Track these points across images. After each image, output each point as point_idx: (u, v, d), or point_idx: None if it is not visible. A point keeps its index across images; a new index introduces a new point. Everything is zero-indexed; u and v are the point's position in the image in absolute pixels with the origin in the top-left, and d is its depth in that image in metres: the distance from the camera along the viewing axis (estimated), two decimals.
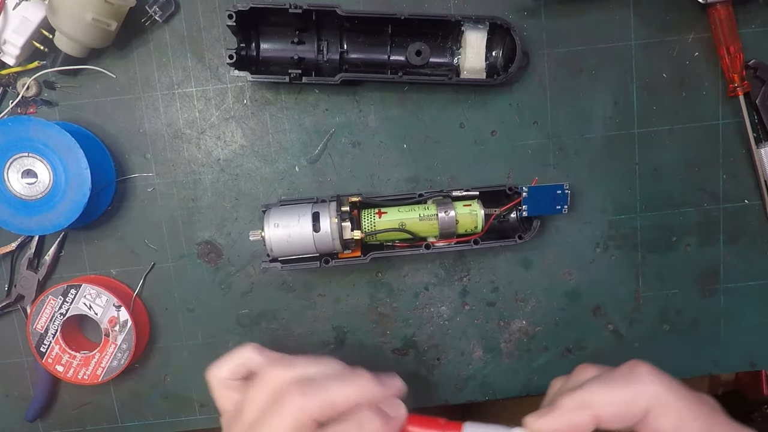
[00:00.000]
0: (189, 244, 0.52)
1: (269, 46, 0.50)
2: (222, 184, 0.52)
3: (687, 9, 0.50)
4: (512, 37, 0.47)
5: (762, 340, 0.54)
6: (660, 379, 0.35)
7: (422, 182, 0.52)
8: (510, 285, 0.53)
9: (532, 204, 0.48)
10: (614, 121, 0.51)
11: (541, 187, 0.48)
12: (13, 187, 0.47)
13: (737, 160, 0.52)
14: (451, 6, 0.50)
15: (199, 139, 0.52)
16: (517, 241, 0.49)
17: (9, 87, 0.50)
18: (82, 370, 0.51)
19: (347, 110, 0.51)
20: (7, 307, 0.52)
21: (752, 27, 0.50)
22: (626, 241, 0.53)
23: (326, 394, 0.34)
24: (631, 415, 0.35)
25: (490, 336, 0.54)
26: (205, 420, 0.55)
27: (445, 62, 0.50)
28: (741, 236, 0.53)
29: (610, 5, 0.50)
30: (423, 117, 0.52)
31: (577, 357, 0.54)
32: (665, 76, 0.51)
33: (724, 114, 0.51)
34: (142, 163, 0.52)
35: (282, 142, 0.52)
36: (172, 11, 0.50)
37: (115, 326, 0.50)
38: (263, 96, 0.51)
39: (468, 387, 0.54)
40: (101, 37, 0.47)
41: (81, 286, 0.50)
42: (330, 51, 0.50)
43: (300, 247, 0.46)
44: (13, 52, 0.48)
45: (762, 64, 0.50)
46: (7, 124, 0.46)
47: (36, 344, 0.50)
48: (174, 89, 0.51)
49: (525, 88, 0.51)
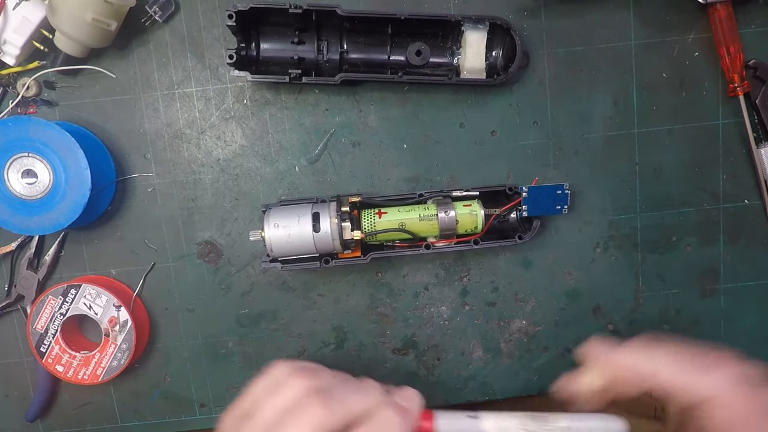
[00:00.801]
0: (189, 244, 0.52)
1: (269, 46, 0.50)
2: (222, 184, 0.52)
3: (687, 9, 0.50)
4: (512, 37, 0.47)
5: (762, 340, 0.54)
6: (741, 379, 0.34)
7: (422, 182, 0.52)
8: (510, 285, 0.53)
9: (532, 204, 0.48)
10: (614, 121, 0.51)
11: (541, 187, 0.48)
12: (13, 187, 0.47)
13: (737, 160, 0.52)
14: (451, 6, 0.50)
15: (199, 139, 0.52)
16: (517, 241, 0.49)
17: (9, 87, 0.50)
18: (82, 370, 0.51)
19: (347, 110, 0.51)
20: (7, 307, 0.52)
21: (752, 27, 0.50)
22: (626, 241, 0.53)
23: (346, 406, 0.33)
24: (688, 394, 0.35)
25: (490, 336, 0.54)
26: (205, 420, 0.55)
27: (445, 62, 0.50)
28: (741, 236, 0.53)
29: (610, 5, 0.50)
30: (423, 117, 0.52)
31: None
32: (665, 76, 0.51)
33: (724, 114, 0.51)
34: (142, 163, 0.52)
35: (282, 142, 0.52)
36: (172, 11, 0.49)
37: (115, 326, 0.50)
38: (263, 96, 0.51)
39: (468, 387, 0.54)
40: (101, 37, 0.47)
41: (81, 286, 0.50)
42: (330, 51, 0.50)
43: (300, 247, 0.46)
44: (13, 52, 0.48)
45: (762, 64, 0.50)
46: (7, 124, 0.46)
47: (36, 344, 0.50)
48: (174, 89, 0.51)
49: (525, 88, 0.51)
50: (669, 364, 0.35)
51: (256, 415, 0.34)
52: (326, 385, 0.34)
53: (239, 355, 0.54)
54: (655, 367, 0.36)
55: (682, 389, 0.35)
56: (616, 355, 0.37)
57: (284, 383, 0.34)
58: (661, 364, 0.36)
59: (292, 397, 0.33)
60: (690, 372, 0.35)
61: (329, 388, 0.33)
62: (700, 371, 0.35)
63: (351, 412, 0.33)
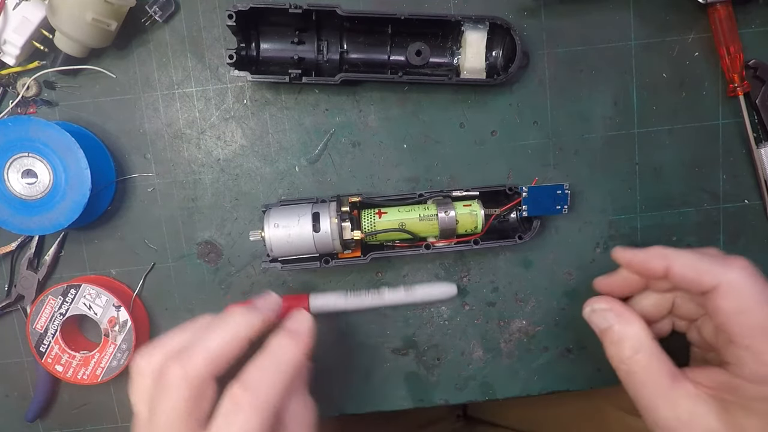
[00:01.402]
0: (189, 244, 0.52)
1: (269, 46, 0.50)
2: (222, 184, 0.52)
3: (687, 9, 0.50)
4: (512, 37, 0.47)
5: None
6: (747, 272, 0.38)
7: (422, 182, 0.52)
8: (510, 285, 0.53)
9: (532, 204, 0.48)
10: (614, 121, 0.51)
11: (541, 187, 0.48)
12: (13, 187, 0.47)
13: (737, 160, 0.52)
14: (451, 6, 0.50)
15: (199, 139, 0.52)
16: (517, 242, 0.49)
17: (9, 87, 0.50)
18: (82, 370, 0.51)
19: (347, 110, 0.51)
20: (7, 307, 0.52)
21: (752, 27, 0.50)
22: (626, 241, 0.53)
23: (204, 348, 0.34)
24: (699, 284, 0.39)
25: (490, 336, 0.54)
26: None
27: (445, 62, 0.50)
28: (741, 236, 0.53)
29: (610, 5, 0.50)
30: (423, 117, 0.52)
31: (577, 357, 0.54)
32: (665, 76, 0.51)
33: (724, 114, 0.51)
34: (142, 163, 0.52)
35: (282, 142, 0.52)
36: (172, 11, 0.50)
37: (115, 326, 0.50)
38: (263, 96, 0.51)
39: (468, 387, 0.54)
40: (101, 37, 0.47)
41: (81, 286, 0.50)
42: (330, 51, 0.50)
43: (300, 247, 0.46)
44: (13, 52, 0.48)
45: (762, 64, 0.50)
46: (7, 124, 0.46)
47: (36, 344, 0.50)
48: (174, 89, 0.51)
49: (525, 88, 0.51)
50: (683, 257, 0.40)
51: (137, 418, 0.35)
52: (173, 345, 0.35)
53: None
54: (669, 261, 0.40)
55: (696, 277, 0.39)
56: (635, 255, 0.43)
57: (136, 374, 0.36)
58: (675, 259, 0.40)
59: (151, 377, 0.35)
60: (703, 262, 0.39)
61: (178, 346, 0.35)
62: (713, 262, 0.39)
63: (214, 349, 0.34)
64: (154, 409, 0.33)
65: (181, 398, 0.33)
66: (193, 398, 0.33)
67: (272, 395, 0.34)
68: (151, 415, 0.34)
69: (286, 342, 0.37)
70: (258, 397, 0.33)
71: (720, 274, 0.38)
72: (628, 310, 0.43)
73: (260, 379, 0.34)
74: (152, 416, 0.34)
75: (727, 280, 0.37)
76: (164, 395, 0.33)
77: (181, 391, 0.33)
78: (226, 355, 0.34)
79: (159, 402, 0.33)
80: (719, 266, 0.38)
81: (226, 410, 0.33)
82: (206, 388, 0.33)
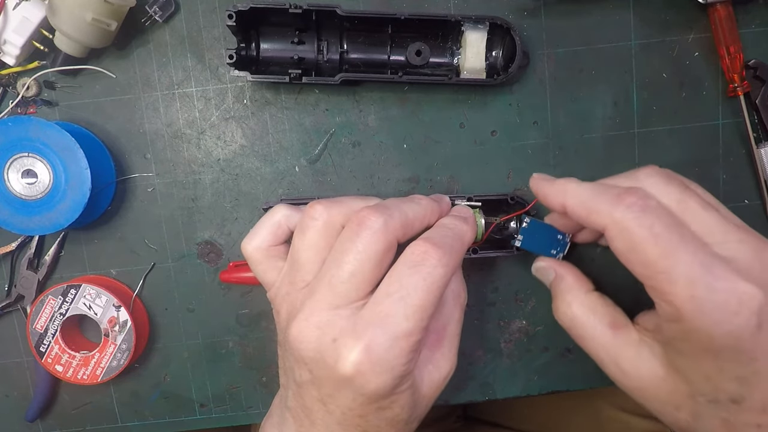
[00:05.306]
0: (189, 244, 0.52)
1: (269, 46, 0.50)
2: (222, 184, 0.52)
3: (687, 9, 0.50)
4: (512, 37, 0.47)
5: None
6: (638, 206, 0.34)
7: (422, 182, 0.52)
8: (510, 285, 0.53)
9: (528, 237, 0.46)
10: (614, 121, 0.51)
11: (544, 225, 0.47)
12: (13, 187, 0.47)
13: (737, 160, 0.52)
14: (451, 6, 0.50)
15: (199, 139, 0.52)
16: (515, 253, 0.48)
17: (9, 87, 0.50)
18: (82, 370, 0.51)
19: (347, 110, 0.51)
20: (7, 307, 0.52)
21: (752, 27, 0.50)
22: None
23: (402, 212, 0.35)
24: (591, 224, 0.36)
25: (490, 336, 0.54)
26: (205, 420, 0.55)
27: (445, 62, 0.50)
28: None
29: (610, 5, 0.50)
30: (423, 117, 0.52)
31: (578, 357, 0.54)
32: (665, 76, 0.51)
33: (724, 114, 0.51)
34: (142, 163, 0.52)
35: (282, 142, 0.52)
36: (172, 11, 0.50)
37: (115, 326, 0.50)
38: (263, 96, 0.51)
39: (468, 387, 0.54)
40: (101, 37, 0.47)
41: (81, 286, 0.50)
42: (330, 51, 0.50)
43: None
44: (13, 52, 0.48)
45: (762, 64, 0.50)
46: (7, 124, 0.46)
47: (35, 344, 0.50)
48: (174, 89, 0.51)
49: (525, 88, 0.51)
50: (576, 193, 0.37)
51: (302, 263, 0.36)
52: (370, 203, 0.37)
53: (239, 355, 0.54)
54: (565, 198, 0.38)
55: (587, 216, 0.36)
56: (541, 187, 0.40)
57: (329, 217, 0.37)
58: (569, 195, 0.37)
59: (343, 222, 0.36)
60: (595, 199, 0.36)
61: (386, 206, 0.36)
62: (603, 199, 0.35)
63: (409, 217, 0.35)
64: (343, 251, 0.34)
65: (379, 243, 0.33)
66: (384, 250, 0.34)
67: (453, 259, 0.35)
68: (335, 256, 0.34)
69: (459, 222, 0.38)
70: (444, 255, 0.34)
71: (606, 214, 0.34)
72: (562, 265, 0.42)
73: (443, 239, 0.35)
74: (338, 256, 0.34)
75: (613, 220, 0.34)
76: (359, 239, 0.33)
77: (378, 236, 0.33)
78: (415, 227, 0.36)
79: (352, 244, 0.34)
80: (608, 203, 0.35)
81: (411, 261, 0.33)
82: (393, 247, 0.34)
